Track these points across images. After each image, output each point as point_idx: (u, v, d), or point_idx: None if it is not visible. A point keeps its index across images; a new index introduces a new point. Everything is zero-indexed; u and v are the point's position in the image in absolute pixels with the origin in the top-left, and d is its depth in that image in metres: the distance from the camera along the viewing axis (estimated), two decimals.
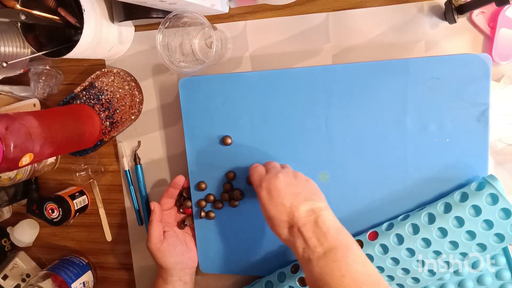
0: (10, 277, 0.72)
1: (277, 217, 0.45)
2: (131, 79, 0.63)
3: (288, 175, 0.48)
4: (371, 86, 0.53)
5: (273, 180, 0.47)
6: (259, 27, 0.58)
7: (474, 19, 0.52)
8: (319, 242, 0.42)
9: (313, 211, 0.44)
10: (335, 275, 0.39)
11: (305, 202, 0.45)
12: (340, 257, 0.41)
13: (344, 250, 0.41)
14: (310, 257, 0.42)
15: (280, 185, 0.46)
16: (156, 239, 0.57)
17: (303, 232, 0.43)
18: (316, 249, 0.42)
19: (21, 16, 0.50)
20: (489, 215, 0.48)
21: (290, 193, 0.46)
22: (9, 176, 0.61)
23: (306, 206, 0.45)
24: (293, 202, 0.45)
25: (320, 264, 0.41)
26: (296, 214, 0.44)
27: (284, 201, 0.45)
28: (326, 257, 0.41)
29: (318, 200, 0.46)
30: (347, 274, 0.39)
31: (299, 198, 0.45)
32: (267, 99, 0.56)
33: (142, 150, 0.65)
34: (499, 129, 0.52)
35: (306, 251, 0.43)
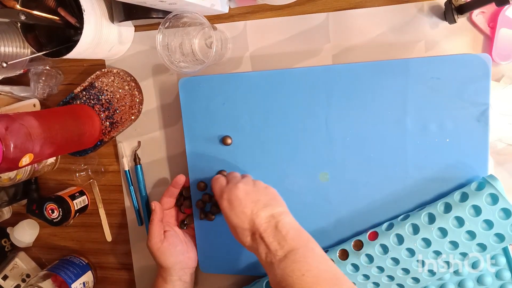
0: (10, 277, 0.72)
1: (239, 226, 0.47)
2: (131, 79, 0.63)
3: (248, 184, 0.49)
4: (371, 86, 0.53)
5: (233, 189, 0.48)
6: (259, 27, 0.58)
7: (474, 19, 0.52)
8: (279, 246, 0.44)
9: (273, 216, 0.46)
10: (296, 275, 0.41)
11: (265, 208, 0.46)
12: (300, 257, 0.42)
13: (304, 250, 0.43)
14: (272, 260, 0.43)
15: (240, 194, 0.48)
16: (156, 239, 0.57)
17: (264, 237, 0.44)
18: (277, 252, 0.43)
19: (21, 16, 0.50)
20: (489, 215, 0.48)
21: (250, 201, 0.47)
22: (9, 176, 0.61)
23: (266, 212, 0.46)
24: (253, 210, 0.46)
25: (281, 266, 0.42)
26: (257, 221, 0.45)
27: (245, 209, 0.46)
28: (287, 258, 0.42)
29: (277, 206, 0.48)
30: (307, 273, 0.41)
31: (259, 205, 0.47)
32: (267, 99, 0.56)
33: (142, 150, 0.65)
34: (499, 129, 0.52)
35: (268, 255, 0.44)
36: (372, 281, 0.54)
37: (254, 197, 0.48)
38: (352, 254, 0.53)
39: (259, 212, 0.46)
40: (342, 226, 0.56)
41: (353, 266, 0.54)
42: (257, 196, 0.48)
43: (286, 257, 0.43)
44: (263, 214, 0.46)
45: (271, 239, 0.44)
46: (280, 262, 0.43)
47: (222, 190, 0.50)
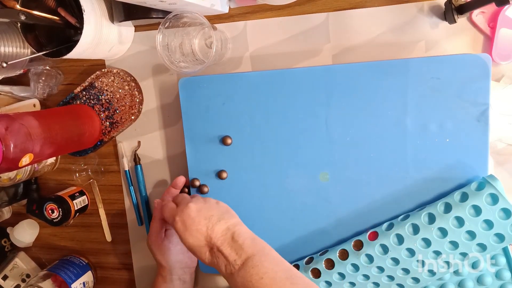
0: (10, 277, 0.72)
1: (196, 244, 0.47)
2: (131, 79, 0.63)
3: (198, 202, 0.50)
4: (371, 86, 0.53)
5: (185, 210, 0.49)
6: (259, 27, 0.58)
7: (474, 19, 0.52)
8: (237, 255, 0.45)
9: (228, 228, 0.47)
10: (254, 279, 0.42)
11: (219, 222, 0.47)
12: (257, 262, 0.44)
13: (260, 255, 0.45)
14: (232, 271, 0.44)
15: (192, 213, 0.48)
16: (156, 237, 0.57)
17: (222, 250, 0.45)
18: (236, 262, 0.45)
19: (21, 16, 0.50)
20: (489, 215, 0.48)
21: (203, 217, 0.48)
22: (9, 176, 0.61)
23: (221, 226, 0.47)
24: (208, 226, 0.47)
25: (240, 274, 0.44)
26: (213, 236, 0.46)
27: (199, 227, 0.47)
28: (245, 265, 0.44)
29: (230, 218, 0.49)
30: (265, 276, 0.42)
31: (213, 220, 0.47)
32: (267, 99, 0.56)
33: (142, 150, 0.65)
34: (499, 129, 0.52)
35: (227, 267, 0.45)
36: (372, 281, 0.54)
37: (207, 213, 0.48)
38: (352, 254, 0.53)
39: (214, 227, 0.47)
40: (342, 226, 0.56)
41: (353, 266, 0.54)
42: (210, 212, 0.48)
43: (244, 264, 0.44)
44: (218, 228, 0.47)
45: (229, 250, 0.45)
46: (239, 271, 0.44)
47: (174, 214, 0.50)
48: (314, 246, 0.57)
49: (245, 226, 0.49)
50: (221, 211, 0.49)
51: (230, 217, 0.49)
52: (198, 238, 0.47)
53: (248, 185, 0.58)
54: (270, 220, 0.58)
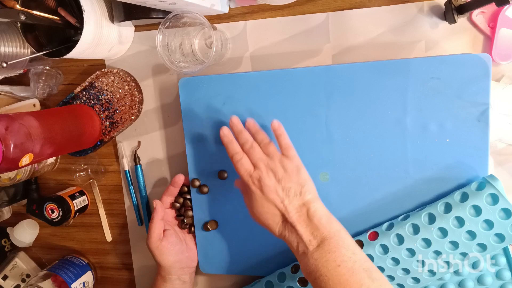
0: (10, 277, 0.72)
1: (269, 212, 0.46)
2: (131, 79, 0.63)
3: (278, 168, 0.47)
4: (371, 86, 0.53)
5: (264, 176, 0.46)
6: (259, 27, 0.58)
7: (474, 19, 0.52)
8: (312, 236, 0.43)
9: (304, 205, 0.45)
10: (331, 266, 0.41)
11: (296, 197, 0.46)
12: (334, 247, 0.42)
13: (337, 239, 0.43)
14: (305, 251, 0.43)
15: (271, 182, 0.46)
16: (155, 237, 0.57)
17: (296, 226, 0.44)
18: (310, 242, 0.43)
19: (21, 16, 0.50)
20: (489, 215, 0.48)
21: (281, 189, 0.46)
22: (9, 176, 0.61)
23: (297, 201, 0.45)
24: (284, 199, 0.46)
25: (314, 256, 0.42)
26: (288, 210, 0.45)
27: (276, 199, 0.46)
28: (320, 248, 0.42)
29: (308, 193, 0.46)
30: (342, 264, 0.41)
31: (291, 194, 0.46)
32: (267, 99, 0.56)
33: (142, 150, 0.65)
34: (499, 129, 0.52)
35: (300, 245, 0.44)
36: None
37: (286, 184, 0.46)
38: None
39: (291, 201, 0.45)
40: None
41: None
42: (289, 183, 0.46)
43: (320, 247, 0.42)
44: (294, 203, 0.45)
45: (303, 229, 0.44)
46: (313, 252, 0.42)
47: (251, 176, 0.47)
48: None
49: (321, 203, 0.47)
50: (300, 183, 0.47)
51: (307, 191, 0.46)
52: (273, 209, 0.46)
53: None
54: None
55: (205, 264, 0.62)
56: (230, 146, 0.50)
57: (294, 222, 0.44)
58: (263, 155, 0.49)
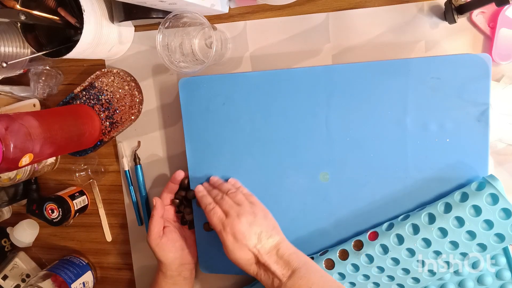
0: (10, 277, 0.72)
1: (244, 258, 0.49)
2: (131, 79, 0.63)
3: (248, 215, 0.51)
4: (371, 86, 0.53)
5: (237, 224, 0.49)
6: (259, 27, 0.58)
7: (474, 19, 0.52)
8: (284, 270, 0.47)
9: (275, 246, 0.49)
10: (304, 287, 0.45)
11: (267, 240, 0.49)
12: (304, 274, 0.46)
13: (306, 267, 0.47)
14: (279, 284, 0.47)
15: (243, 228, 0.49)
16: (155, 235, 0.57)
17: (270, 266, 0.48)
18: (283, 275, 0.47)
19: (21, 16, 0.50)
20: (489, 215, 0.48)
21: (253, 233, 0.49)
22: (9, 176, 0.61)
23: (268, 244, 0.49)
24: (257, 243, 0.49)
25: (289, 285, 0.46)
26: (261, 252, 0.48)
27: (249, 243, 0.49)
28: (293, 277, 0.46)
29: (276, 234, 0.50)
30: (313, 286, 0.45)
31: (262, 237, 0.49)
32: (267, 99, 0.56)
33: (142, 150, 0.65)
34: (499, 129, 0.52)
35: (275, 280, 0.47)
36: (372, 281, 0.54)
37: (257, 228, 0.50)
38: (352, 254, 0.53)
39: (263, 244, 0.49)
40: (342, 226, 0.56)
41: (353, 266, 0.54)
42: (260, 227, 0.50)
43: (292, 277, 0.46)
44: (266, 246, 0.49)
45: (275, 266, 0.47)
46: (286, 283, 0.46)
47: (224, 224, 0.50)
48: (314, 246, 0.57)
49: (288, 242, 0.51)
50: (269, 227, 0.51)
51: (276, 233, 0.51)
52: (246, 253, 0.49)
53: (248, 185, 0.58)
54: None
55: (205, 264, 0.62)
56: (204, 199, 0.55)
57: (266, 262, 0.48)
58: (233, 204, 0.52)
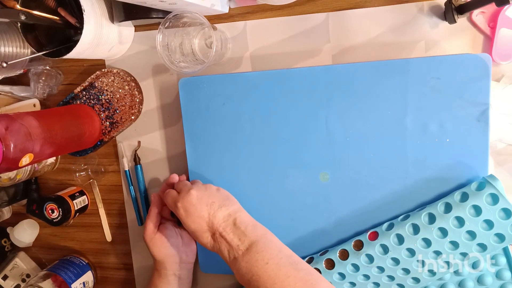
0: (10, 277, 0.72)
1: (198, 230, 0.49)
2: (131, 79, 0.63)
3: (199, 189, 0.51)
4: (371, 86, 0.53)
5: (187, 197, 0.50)
6: (259, 27, 0.58)
7: (474, 19, 0.52)
8: (240, 241, 0.46)
9: (229, 215, 0.49)
10: (260, 264, 0.44)
11: (220, 208, 0.49)
12: (261, 248, 0.45)
13: (264, 241, 0.46)
14: (235, 256, 0.46)
15: (193, 200, 0.50)
16: (150, 230, 0.57)
17: (225, 235, 0.47)
18: (239, 247, 0.46)
19: (21, 16, 0.50)
20: (489, 215, 0.48)
21: (205, 204, 0.49)
22: (9, 176, 0.61)
23: (222, 212, 0.49)
24: (210, 212, 0.49)
25: (245, 259, 0.45)
26: (215, 222, 0.48)
27: (202, 213, 0.49)
28: (249, 251, 0.45)
29: (231, 204, 0.50)
30: (270, 261, 0.44)
31: (214, 207, 0.49)
32: (267, 99, 0.56)
33: (142, 150, 0.65)
34: (499, 129, 0.52)
35: (230, 252, 0.47)
36: (372, 281, 0.54)
37: (208, 200, 0.50)
38: (352, 254, 0.53)
39: (216, 213, 0.49)
40: (342, 226, 0.56)
41: (353, 266, 0.54)
42: (211, 199, 0.50)
43: (248, 250, 0.45)
44: (220, 214, 0.49)
45: (231, 236, 0.47)
46: (243, 256, 0.45)
47: (175, 200, 0.51)
48: (314, 246, 0.57)
49: (246, 212, 0.50)
50: (222, 198, 0.51)
51: (231, 203, 0.50)
52: (200, 224, 0.48)
53: (247, 185, 0.58)
54: (270, 220, 0.58)
55: (205, 264, 0.62)
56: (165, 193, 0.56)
57: (221, 231, 0.47)
58: (187, 183, 0.54)
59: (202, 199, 0.50)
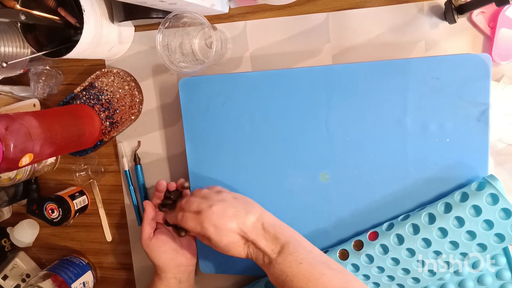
0: (10, 277, 0.72)
1: (231, 241, 0.48)
2: (131, 79, 0.63)
3: (218, 202, 0.49)
4: (371, 86, 0.53)
5: (210, 215, 0.48)
6: (259, 27, 0.58)
7: (474, 19, 0.52)
8: (273, 245, 0.47)
9: (257, 220, 0.48)
10: (294, 265, 0.44)
11: (247, 216, 0.48)
12: (293, 250, 0.45)
13: (294, 242, 0.46)
14: (270, 260, 0.46)
15: (218, 215, 0.48)
16: (146, 236, 0.57)
17: (258, 243, 0.47)
18: (273, 251, 0.46)
19: (21, 16, 0.50)
20: (489, 215, 0.48)
21: (231, 215, 0.48)
22: (9, 176, 0.61)
23: (250, 219, 0.48)
24: (238, 222, 0.48)
25: (279, 261, 0.45)
26: (245, 230, 0.47)
27: (231, 225, 0.48)
28: (282, 253, 0.46)
29: (254, 208, 0.50)
30: (303, 261, 0.44)
31: (241, 215, 0.48)
32: (267, 99, 0.56)
33: (142, 150, 0.65)
34: (499, 129, 0.52)
35: (265, 257, 0.47)
36: (372, 281, 0.54)
37: (232, 210, 0.49)
38: (352, 254, 0.53)
39: (245, 221, 0.48)
40: (342, 226, 0.56)
41: (353, 266, 0.54)
42: (234, 208, 0.49)
43: (281, 253, 0.46)
44: (248, 222, 0.48)
45: (264, 242, 0.47)
46: (277, 259, 0.46)
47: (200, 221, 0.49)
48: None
49: (269, 213, 0.50)
50: (243, 204, 0.50)
51: (253, 207, 0.50)
52: (232, 236, 0.48)
53: (247, 185, 0.58)
54: None
55: (205, 264, 0.62)
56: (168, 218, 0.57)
57: (253, 239, 0.47)
58: (200, 200, 0.51)
59: (226, 211, 0.48)
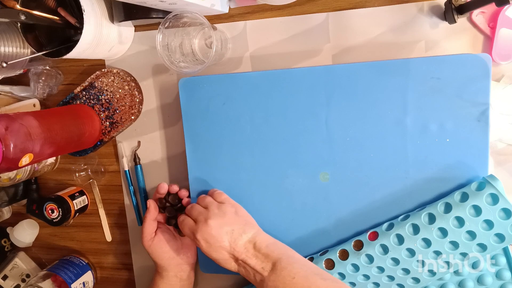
0: (10, 277, 0.72)
1: (221, 258, 0.49)
2: (131, 79, 0.63)
3: (216, 217, 0.50)
4: (371, 86, 0.53)
5: (205, 229, 0.50)
6: (259, 27, 0.58)
7: (474, 19, 0.52)
8: (264, 263, 0.47)
9: (249, 241, 0.49)
10: (287, 280, 0.45)
11: (240, 236, 0.49)
12: (285, 264, 0.46)
13: (286, 257, 0.47)
14: (262, 278, 0.46)
15: (213, 231, 0.49)
16: (147, 236, 0.58)
17: (248, 262, 0.48)
18: (264, 269, 0.47)
19: (21, 16, 0.50)
20: (489, 215, 0.48)
21: (224, 233, 0.49)
22: (9, 176, 0.61)
23: (242, 240, 0.49)
24: (230, 241, 0.49)
25: (272, 279, 0.46)
26: (236, 250, 0.49)
27: (222, 243, 0.49)
28: (275, 270, 0.46)
29: (250, 229, 0.50)
30: (296, 275, 0.45)
31: (234, 235, 0.49)
32: (267, 99, 0.56)
33: (142, 150, 0.65)
34: (499, 129, 0.52)
35: (257, 275, 0.47)
36: (372, 281, 0.54)
37: (227, 228, 0.50)
38: (352, 254, 0.53)
39: (237, 241, 0.49)
40: (342, 226, 0.56)
41: (353, 266, 0.54)
42: (230, 226, 0.50)
43: (273, 269, 0.46)
44: (240, 242, 0.49)
45: (254, 261, 0.48)
46: (269, 276, 0.46)
47: (193, 231, 0.51)
48: (314, 246, 0.57)
49: (264, 233, 0.51)
50: (241, 223, 0.51)
51: (250, 227, 0.51)
52: (222, 253, 0.49)
53: (247, 185, 0.58)
54: (270, 221, 0.58)
55: (205, 264, 0.62)
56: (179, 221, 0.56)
57: (244, 258, 0.48)
58: (201, 209, 0.53)
59: (221, 228, 0.49)
